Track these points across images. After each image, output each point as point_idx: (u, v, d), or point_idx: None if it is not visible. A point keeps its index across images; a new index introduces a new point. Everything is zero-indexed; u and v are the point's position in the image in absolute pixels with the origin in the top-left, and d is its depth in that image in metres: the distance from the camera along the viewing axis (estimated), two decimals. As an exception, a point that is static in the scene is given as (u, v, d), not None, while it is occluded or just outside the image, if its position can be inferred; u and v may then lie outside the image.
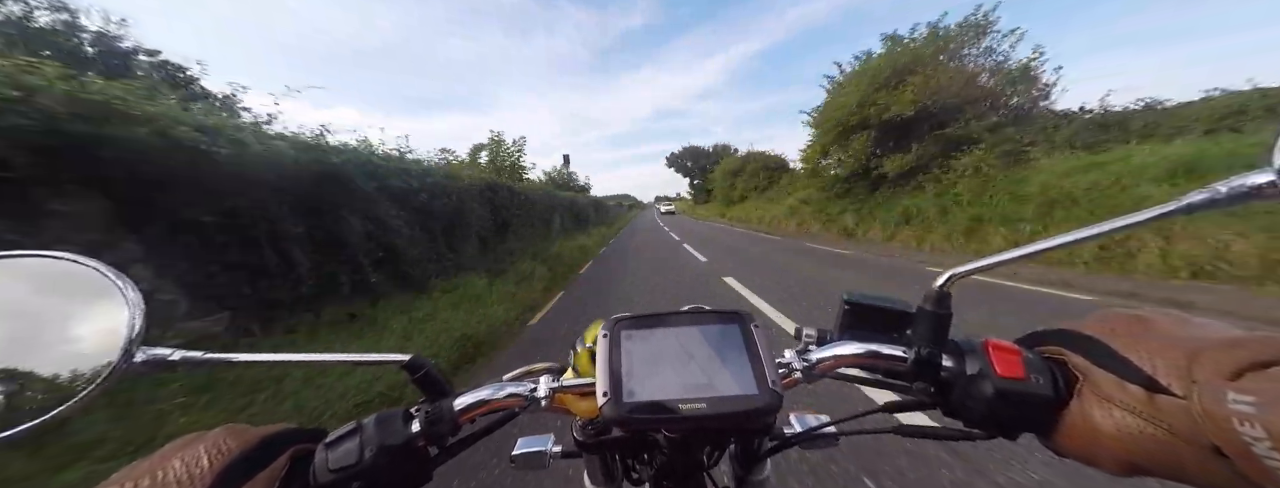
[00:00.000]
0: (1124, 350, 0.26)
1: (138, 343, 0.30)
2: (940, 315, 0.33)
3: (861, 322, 0.40)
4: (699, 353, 0.34)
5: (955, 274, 0.32)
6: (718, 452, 0.47)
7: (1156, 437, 0.23)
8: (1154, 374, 0.24)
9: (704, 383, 0.32)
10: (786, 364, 0.36)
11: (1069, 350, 0.29)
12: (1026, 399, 0.29)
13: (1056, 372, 0.29)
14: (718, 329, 0.36)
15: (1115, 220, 0.27)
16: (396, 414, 0.34)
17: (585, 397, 0.38)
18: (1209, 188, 0.24)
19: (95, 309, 0.30)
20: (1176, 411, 0.23)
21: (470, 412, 0.36)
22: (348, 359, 0.38)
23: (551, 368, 0.43)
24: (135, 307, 0.30)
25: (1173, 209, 0.25)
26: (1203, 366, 0.23)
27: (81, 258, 0.31)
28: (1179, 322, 0.27)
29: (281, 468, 0.29)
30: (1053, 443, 0.29)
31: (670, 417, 0.31)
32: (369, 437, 0.32)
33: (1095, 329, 0.29)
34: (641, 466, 0.50)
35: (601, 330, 0.36)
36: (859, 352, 0.36)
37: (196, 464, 0.26)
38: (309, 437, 0.33)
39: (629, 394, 0.31)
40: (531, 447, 0.51)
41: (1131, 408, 0.24)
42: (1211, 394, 0.21)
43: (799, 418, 0.50)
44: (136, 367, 0.30)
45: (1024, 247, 0.30)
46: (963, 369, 0.32)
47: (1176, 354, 0.24)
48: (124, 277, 0.31)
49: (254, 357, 0.34)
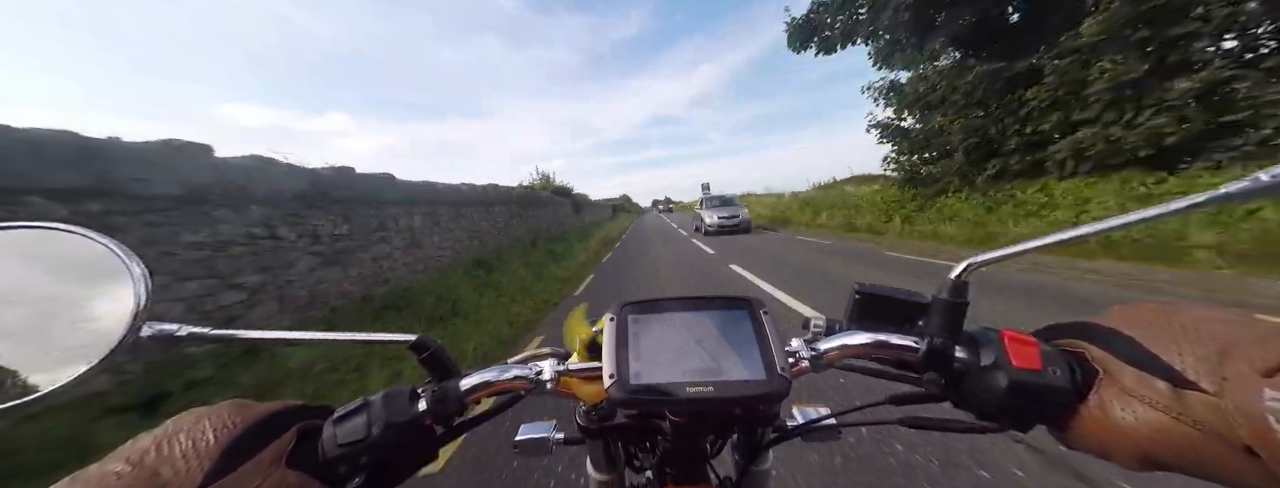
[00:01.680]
0: (1149, 344, 0.25)
1: (144, 318, 0.30)
2: (956, 305, 0.32)
3: (872, 312, 0.39)
4: (707, 338, 0.34)
5: (973, 263, 0.32)
6: (721, 441, 0.47)
7: (1182, 434, 0.23)
8: (1181, 369, 0.23)
9: (711, 367, 0.32)
10: (795, 352, 0.35)
11: (1089, 343, 0.28)
12: (1041, 392, 0.28)
13: (1074, 365, 0.29)
14: (726, 315, 0.35)
15: (1148, 210, 0.26)
16: (403, 392, 0.34)
17: (590, 381, 0.38)
18: (1250, 177, 0.23)
19: (102, 283, 0.30)
20: (1205, 407, 0.22)
21: (476, 393, 0.36)
22: (355, 338, 0.38)
23: (557, 352, 0.43)
24: (141, 282, 0.30)
25: (1208, 198, 0.24)
26: (1235, 361, 0.22)
27: (89, 232, 0.31)
28: (1207, 314, 0.26)
29: (288, 442, 0.29)
30: (1065, 437, 0.28)
31: (676, 399, 0.30)
32: (376, 414, 0.32)
33: (1118, 322, 0.28)
34: (644, 453, 0.50)
35: (609, 315, 0.36)
36: (868, 342, 0.35)
37: (202, 438, 0.26)
38: (315, 413, 0.33)
39: (635, 377, 0.31)
40: (534, 433, 0.51)
41: (1155, 403, 0.24)
42: (1244, 392, 0.21)
43: (802, 410, 0.50)
44: (143, 342, 0.30)
45: (1046, 236, 0.29)
46: (976, 360, 0.31)
47: (1206, 349, 0.23)
48: (131, 252, 0.31)
49: (260, 334, 0.34)
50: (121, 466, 0.24)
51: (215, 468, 0.25)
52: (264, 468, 0.27)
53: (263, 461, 0.27)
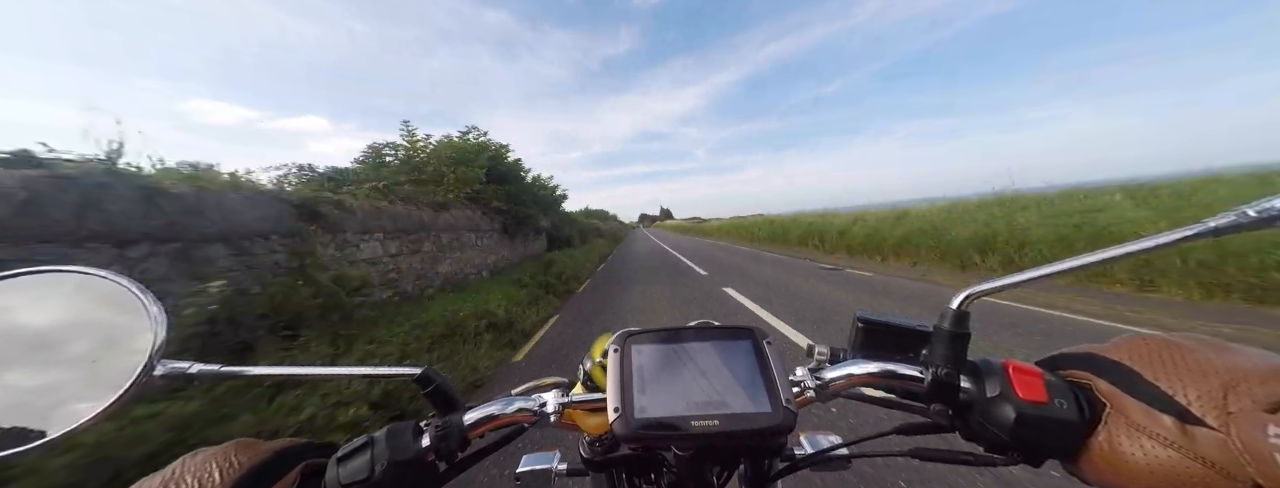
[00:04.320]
0: (1154, 378, 0.25)
1: (159, 357, 0.31)
2: (958, 336, 0.32)
3: (875, 341, 0.39)
4: (711, 369, 0.34)
5: (972, 294, 0.32)
6: (727, 472, 0.46)
7: (1191, 471, 0.22)
8: (1187, 404, 0.23)
9: (716, 400, 0.32)
10: (799, 382, 0.35)
11: (1095, 375, 0.28)
12: (1049, 425, 0.28)
13: (1081, 397, 0.28)
14: (729, 345, 0.35)
15: (1142, 241, 0.26)
16: (407, 428, 0.35)
17: (594, 413, 0.38)
18: (1236, 211, 0.24)
19: (120, 323, 0.31)
20: (1212, 443, 0.22)
21: (480, 426, 0.36)
22: (361, 372, 0.38)
23: (560, 383, 0.43)
24: (158, 321, 0.31)
25: (1198, 231, 0.24)
26: (1240, 396, 0.22)
27: (108, 273, 0.32)
28: (1214, 348, 0.26)
29: (292, 482, 0.29)
30: (1078, 471, 0.28)
31: (682, 434, 0.30)
32: (380, 452, 0.32)
33: (1123, 354, 0.28)
34: (649, 485, 0.49)
35: (611, 345, 0.36)
36: (874, 371, 0.35)
37: (208, 479, 0.27)
38: (320, 451, 0.33)
39: (640, 411, 0.31)
40: (537, 464, 0.51)
41: (1162, 439, 0.23)
42: (1249, 427, 0.20)
43: (810, 439, 0.49)
44: (155, 380, 0.30)
45: (1045, 267, 0.29)
46: (982, 391, 0.31)
47: (1211, 384, 0.23)
48: (148, 292, 0.32)
49: (268, 370, 0.35)
50: None
51: None
52: None
53: None
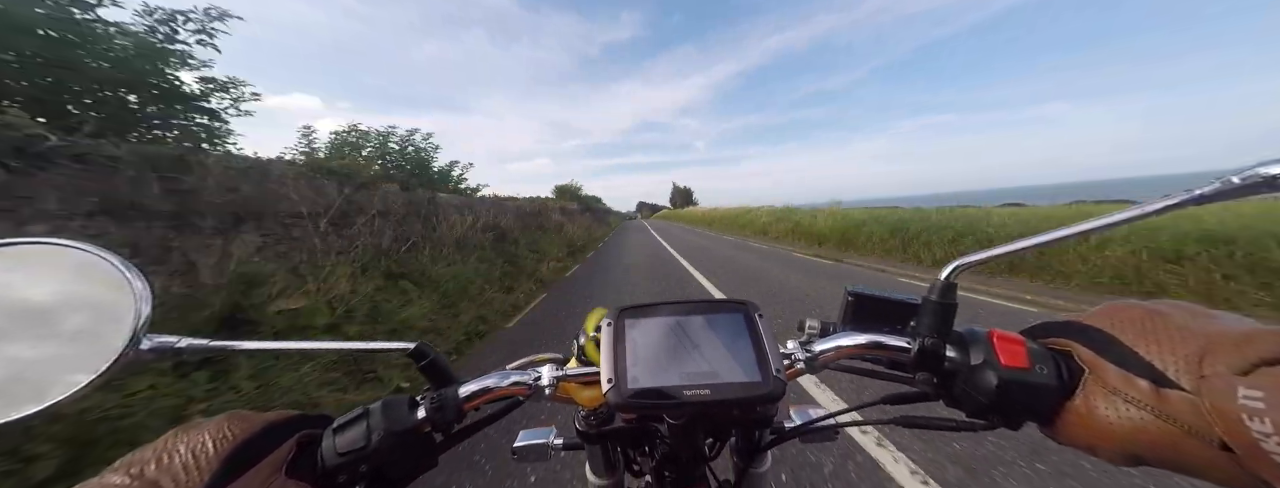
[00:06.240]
0: (1132, 343, 0.26)
1: (144, 331, 0.30)
2: (945, 306, 0.33)
3: (865, 313, 0.40)
4: (703, 341, 0.34)
5: (961, 265, 0.32)
6: (719, 444, 0.48)
7: (1162, 431, 0.23)
8: (1162, 368, 0.24)
9: (708, 370, 0.32)
10: (789, 354, 0.36)
11: (1075, 342, 0.29)
12: (1030, 390, 0.28)
13: (1062, 363, 0.29)
14: (721, 318, 0.36)
15: (1126, 211, 0.26)
16: (402, 401, 0.35)
17: (588, 385, 0.38)
18: (1222, 179, 0.24)
19: (103, 298, 0.31)
20: (1184, 405, 0.23)
21: (475, 399, 0.37)
22: (354, 347, 0.38)
23: (554, 358, 0.43)
24: (142, 296, 0.31)
25: (1184, 199, 0.24)
26: (1214, 361, 0.22)
27: (90, 247, 0.32)
28: (1191, 314, 0.27)
29: (287, 453, 0.29)
30: (1054, 433, 0.29)
31: (674, 402, 0.31)
32: (376, 422, 0.32)
33: (1103, 321, 0.29)
34: (643, 457, 0.50)
35: (605, 319, 0.36)
36: (862, 342, 0.36)
37: (201, 449, 0.26)
38: (315, 423, 0.33)
39: (633, 381, 0.32)
40: (533, 439, 0.52)
41: (1137, 402, 0.24)
42: (1221, 390, 0.21)
43: (799, 411, 0.50)
44: (143, 354, 0.30)
45: (1031, 237, 0.30)
46: (967, 360, 0.31)
47: (1187, 348, 0.24)
48: (131, 266, 0.32)
49: (259, 344, 0.35)
50: (121, 478, 0.25)
51: (215, 479, 0.25)
52: (264, 478, 0.27)
53: (262, 470, 0.27)
